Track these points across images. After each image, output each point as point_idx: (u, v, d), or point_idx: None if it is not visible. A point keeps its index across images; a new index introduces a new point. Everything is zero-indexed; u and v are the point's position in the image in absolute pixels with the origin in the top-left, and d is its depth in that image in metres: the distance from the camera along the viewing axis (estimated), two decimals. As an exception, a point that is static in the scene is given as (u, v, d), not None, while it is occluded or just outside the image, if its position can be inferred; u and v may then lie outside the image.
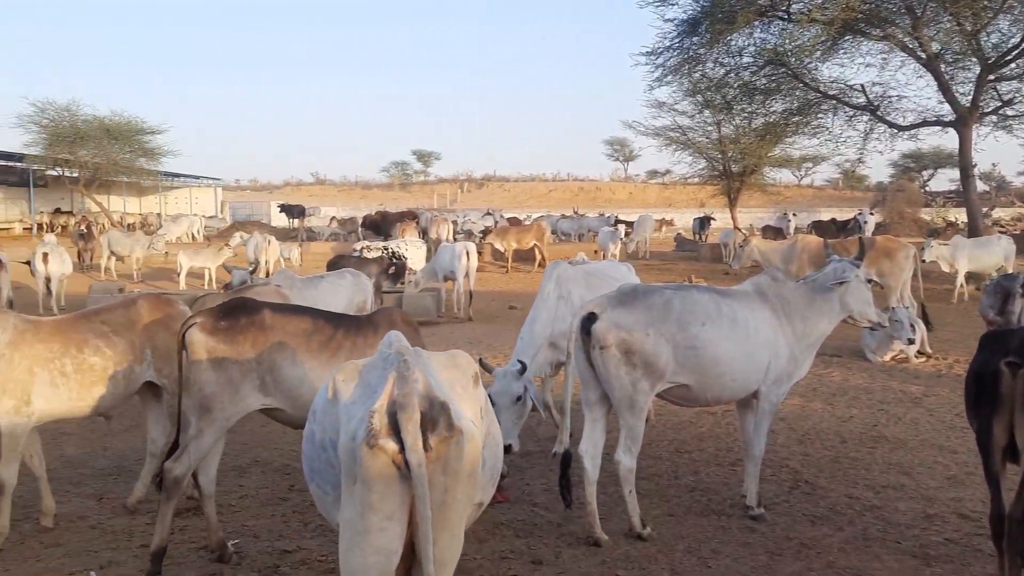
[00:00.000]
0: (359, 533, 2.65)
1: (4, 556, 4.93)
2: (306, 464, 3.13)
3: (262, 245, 19.70)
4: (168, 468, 4.68)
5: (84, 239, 24.39)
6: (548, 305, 6.92)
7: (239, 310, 4.83)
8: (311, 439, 3.05)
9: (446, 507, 2.71)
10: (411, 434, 2.58)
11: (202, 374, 4.62)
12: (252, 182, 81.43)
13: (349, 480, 2.68)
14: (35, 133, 36.62)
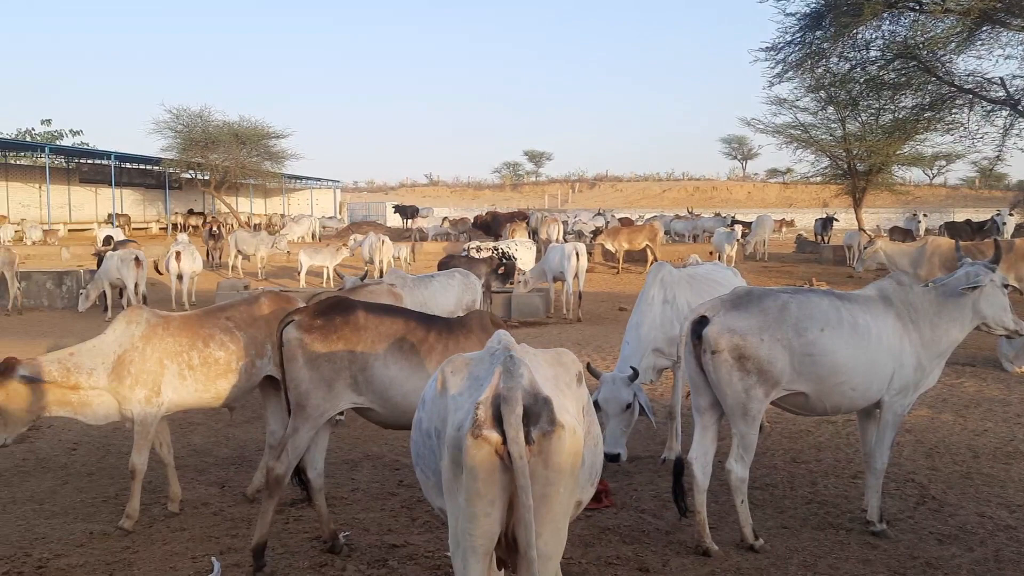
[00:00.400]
0: (467, 519, 2.78)
1: (134, 538, 5.22)
2: (413, 449, 3.31)
3: (376, 245, 20.22)
4: (271, 467, 4.79)
5: (214, 239, 25.75)
6: (653, 309, 6.76)
7: (334, 309, 4.89)
8: (419, 426, 3.20)
9: (549, 500, 2.78)
10: (513, 426, 2.66)
11: (297, 371, 4.72)
12: (369, 183, 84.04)
13: (455, 468, 2.80)
14: (171, 138, 38.99)
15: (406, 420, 4.92)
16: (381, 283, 9.49)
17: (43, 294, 17.92)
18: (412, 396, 4.81)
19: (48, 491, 6.17)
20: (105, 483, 6.38)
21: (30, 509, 5.77)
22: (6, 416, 5.01)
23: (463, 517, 2.79)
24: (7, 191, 45.06)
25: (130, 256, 15.77)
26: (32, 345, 12.19)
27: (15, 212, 42.82)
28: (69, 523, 5.49)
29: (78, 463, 6.91)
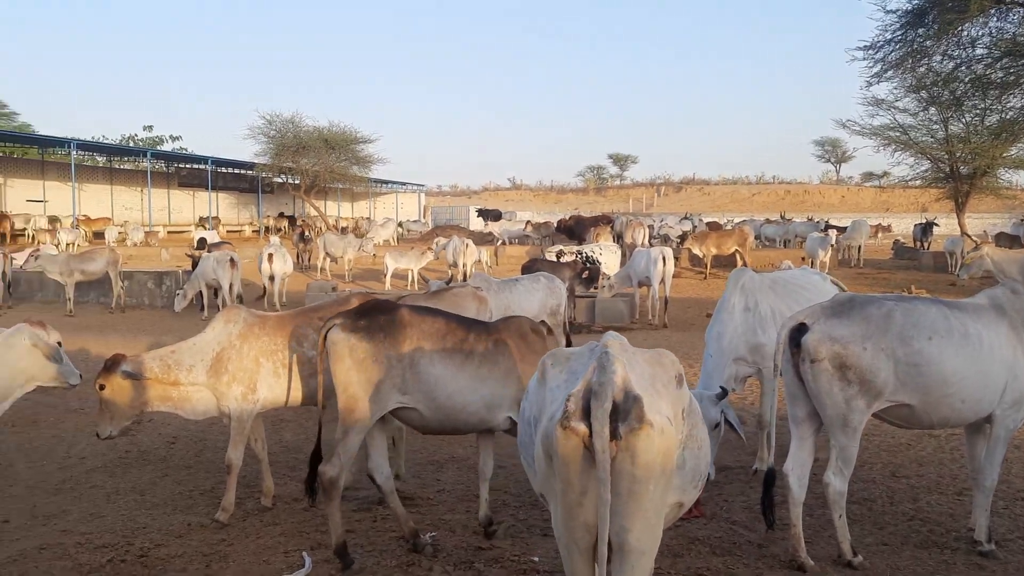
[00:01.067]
0: (564, 507, 2.88)
1: (229, 531, 5.37)
2: (519, 439, 3.47)
3: (460, 248, 20.39)
4: (322, 471, 4.83)
5: (303, 241, 26.46)
6: (734, 318, 6.56)
7: (377, 310, 4.93)
8: (522, 416, 3.37)
9: (638, 497, 2.81)
10: (599, 420, 2.72)
11: (344, 373, 4.75)
12: (453, 187, 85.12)
13: (547, 457, 2.91)
14: (264, 144, 40.30)
15: (449, 422, 4.97)
16: (466, 286, 9.51)
17: (144, 293, 18.73)
18: (456, 396, 4.83)
19: (149, 483, 6.41)
20: (202, 476, 6.59)
21: (132, 500, 6.01)
22: (111, 409, 5.23)
23: (560, 506, 2.89)
24: (112, 194, 47.44)
25: (225, 257, 16.32)
26: (133, 342, 12.72)
27: (119, 214, 45.02)
28: (168, 514, 5.68)
29: (177, 456, 7.17)
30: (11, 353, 4.75)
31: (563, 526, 2.92)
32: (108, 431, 5.28)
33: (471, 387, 4.82)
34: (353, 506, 5.88)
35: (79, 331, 13.14)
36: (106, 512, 5.70)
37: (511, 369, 4.90)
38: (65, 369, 4.93)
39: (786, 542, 4.92)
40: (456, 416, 4.87)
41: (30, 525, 5.46)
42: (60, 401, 8.88)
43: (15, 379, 4.79)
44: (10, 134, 42.72)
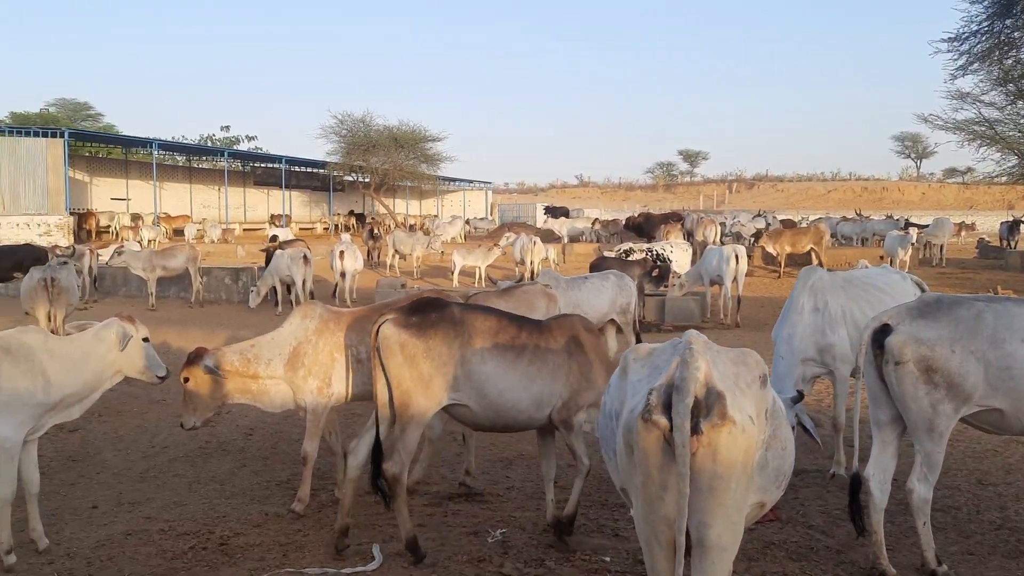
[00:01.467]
0: (645, 501, 2.92)
1: (304, 522, 5.48)
2: (599, 432, 3.53)
3: (527, 246, 20.39)
4: (385, 468, 4.86)
5: (373, 239, 26.85)
6: (803, 318, 6.39)
7: (429, 307, 4.94)
8: (604, 409, 3.42)
9: (719, 493, 2.83)
10: (680, 414, 2.76)
11: (397, 369, 4.78)
12: (520, 185, 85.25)
13: (627, 449, 2.96)
14: (335, 143, 41.09)
15: (499, 419, 4.98)
16: (535, 284, 9.50)
17: (221, 289, 19.28)
18: (506, 393, 4.83)
19: (228, 473, 6.59)
20: (278, 468, 6.74)
21: (212, 489, 6.19)
22: (195, 401, 5.40)
23: (640, 500, 2.93)
24: (191, 193, 48.97)
25: (299, 254, 16.68)
26: (212, 336, 13.11)
27: (197, 212, 46.45)
28: (246, 504, 5.83)
29: (254, 448, 7.35)
30: (101, 346, 4.92)
31: (644, 519, 2.95)
32: (192, 422, 5.44)
33: (521, 385, 4.83)
34: (424, 501, 5.94)
35: (160, 325, 13.59)
36: (188, 500, 5.88)
37: (561, 367, 4.92)
38: (152, 363, 5.09)
39: (866, 549, 4.78)
40: (506, 414, 4.89)
41: (116, 511, 5.68)
42: (143, 392, 9.21)
43: (104, 371, 4.96)
44: (96, 134, 44.52)
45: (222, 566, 4.75)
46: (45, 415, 4.78)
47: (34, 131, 35.14)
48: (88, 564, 4.72)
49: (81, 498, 5.95)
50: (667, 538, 2.87)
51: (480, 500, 5.98)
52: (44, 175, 33.77)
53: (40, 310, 10.99)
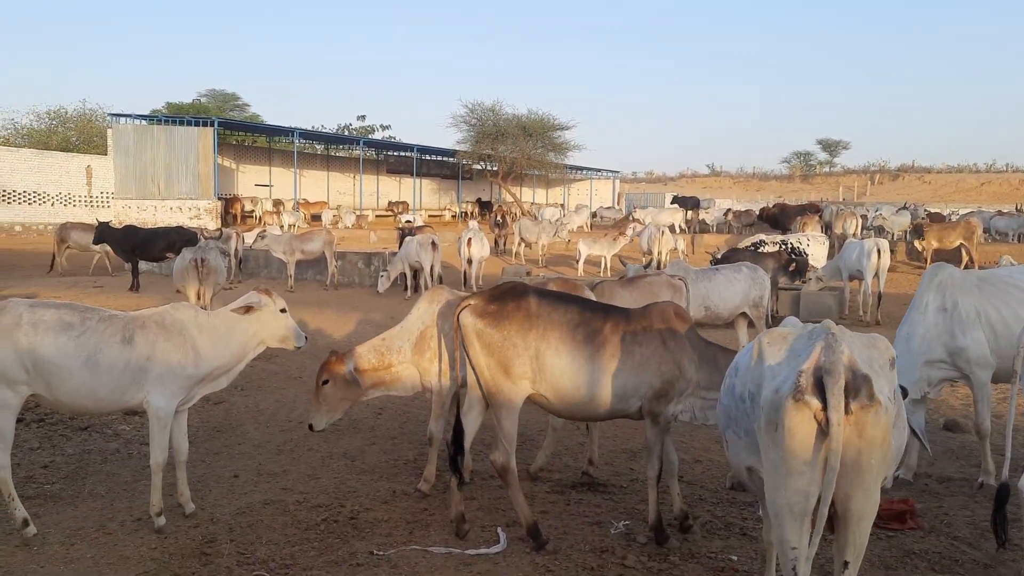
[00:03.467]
0: (782, 475, 3.05)
1: (430, 501, 5.58)
2: (722, 415, 3.65)
3: (655, 236, 20.03)
4: (492, 459, 4.87)
5: (499, 226, 27.11)
6: (926, 318, 5.94)
7: (507, 295, 4.87)
8: (731, 392, 3.53)
9: (861, 469, 3.02)
10: (835, 395, 2.92)
11: (476, 357, 4.77)
12: (648, 174, 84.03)
13: (769, 428, 3.09)
14: (465, 132, 41.72)
15: (578, 411, 4.90)
16: (661, 274, 9.31)
17: (355, 273, 19.95)
18: (583, 388, 4.71)
19: (358, 450, 6.80)
20: (406, 447, 6.90)
21: (344, 464, 6.40)
22: (330, 403, 5.56)
23: (779, 474, 3.06)
24: (328, 180, 50.99)
25: (427, 240, 17.02)
26: (345, 318, 13.61)
27: (333, 199, 48.34)
28: (375, 480, 6.00)
29: (383, 427, 7.56)
30: (243, 319, 5.15)
31: (778, 492, 3.08)
32: (323, 423, 5.59)
33: (600, 379, 4.71)
34: (547, 488, 5.93)
35: (298, 306, 14.18)
36: (321, 474, 6.11)
37: (651, 357, 4.76)
38: (292, 332, 5.29)
39: (1017, 564, 4.43)
40: (583, 406, 4.82)
41: (256, 481, 5.96)
42: (282, 369, 9.66)
43: (248, 343, 5.19)
44: (242, 124, 47.04)
45: (352, 539, 4.89)
46: (195, 386, 5.06)
47: (187, 120, 37.52)
48: (229, 530, 4.97)
49: (224, 467, 6.29)
50: (800, 509, 3.03)
51: (603, 490, 5.91)
52: (195, 162, 36.02)
53: (190, 289, 11.70)
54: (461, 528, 4.96)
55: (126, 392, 4.84)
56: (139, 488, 5.67)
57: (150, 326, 4.91)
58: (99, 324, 4.82)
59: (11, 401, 4.69)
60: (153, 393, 4.85)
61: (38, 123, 46.14)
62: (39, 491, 5.65)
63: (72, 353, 4.69)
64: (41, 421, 7.20)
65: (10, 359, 4.59)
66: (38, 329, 4.65)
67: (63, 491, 5.69)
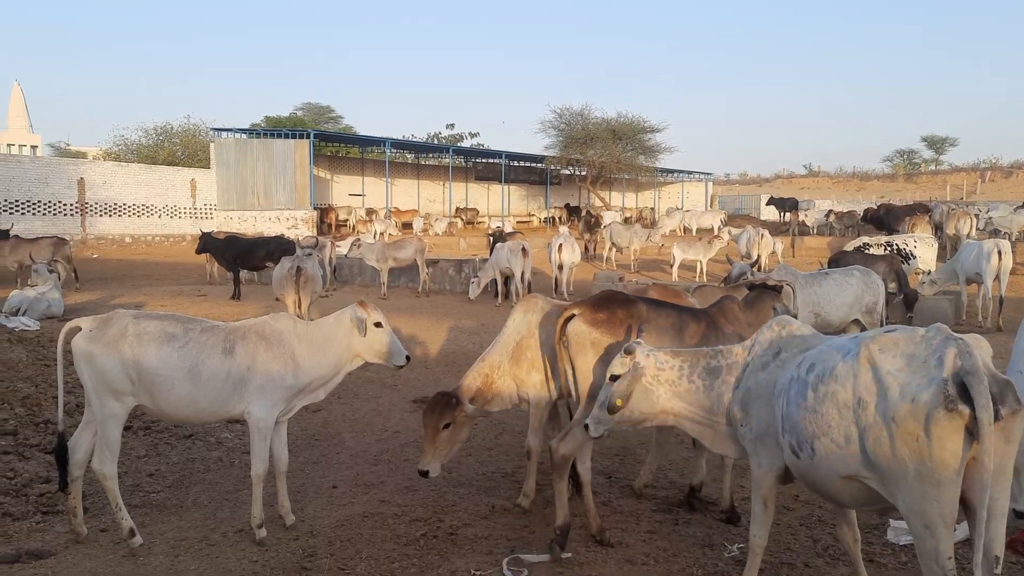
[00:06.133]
0: (932, 486, 2.99)
1: (531, 517, 5.38)
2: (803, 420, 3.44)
3: (755, 239, 19.37)
4: (554, 448, 4.79)
5: (590, 231, 26.81)
6: None
7: (615, 303, 4.85)
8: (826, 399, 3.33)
9: (1004, 471, 3.06)
10: (985, 401, 2.87)
11: (586, 364, 4.71)
12: (742, 175, 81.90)
13: (907, 438, 3.02)
14: (553, 137, 41.57)
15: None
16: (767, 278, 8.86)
17: (445, 279, 20.03)
18: None
19: (455, 462, 6.63)
20: (502, 459, 6.73)
21: (441, 478, 6.19)
22: (448, 448, 5.20)
23: (928, 484, 3.00)
24: (418, 188, 51.68)
25: (518, 247, 16.90)
26: (437, 324, 13.60)
27: (423, 206, 48.95)
28: (473, 494, 5.84)
29: (478, 437, 7.40)
30: (340, 331, 5.06)
31: (929, 504, 3.02)
32: (438, 469, 5.18)
33: None
34: (652, 506, 5.66)
35: (391, 312, 14.20)
36: (418, 486, 5.99)
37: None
38: (392, 349, 5.12)
39: None
40: None
41: (354, 492, 5.89)
42: (377, 377, 9.64)
43: (343, 355, 5.10)
44: (337, 135, 48.17)
45: (452, 556, 4.74)
46: (295, 397, 5.01)
47: (285, 133, 38.64)
48: (329, 543, 4.89)
49: (322, 477, 6.25)
50: (952, 518, 3.01)
51: (713, 510, 5.59)
52: (292, 173, 37.05)
53: (288, 297, 11.87)
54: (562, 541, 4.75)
55: (227, 402, 4.82)
56: (240, 498, 5.67)
57: (250, 337, 4.88)
58: (201, 335, 4.81)
59: (118, 411, 4.73)
60: (254, 404, 4.82)
61: (146, 139, 48.39)
62: (145, 500, 5.72)
63: (175, 364, 4.70)
64: (148, 428, 7.34)
65: (116, 370, 4.63)
66: (142, 340, 4.68)
67: (168, 500, 5.75)
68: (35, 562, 4.57)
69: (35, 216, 31.49)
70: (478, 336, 12.30)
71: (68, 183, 33.07)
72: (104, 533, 5.03)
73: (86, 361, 4.66)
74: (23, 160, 35.26)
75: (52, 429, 6.59)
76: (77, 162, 37.05)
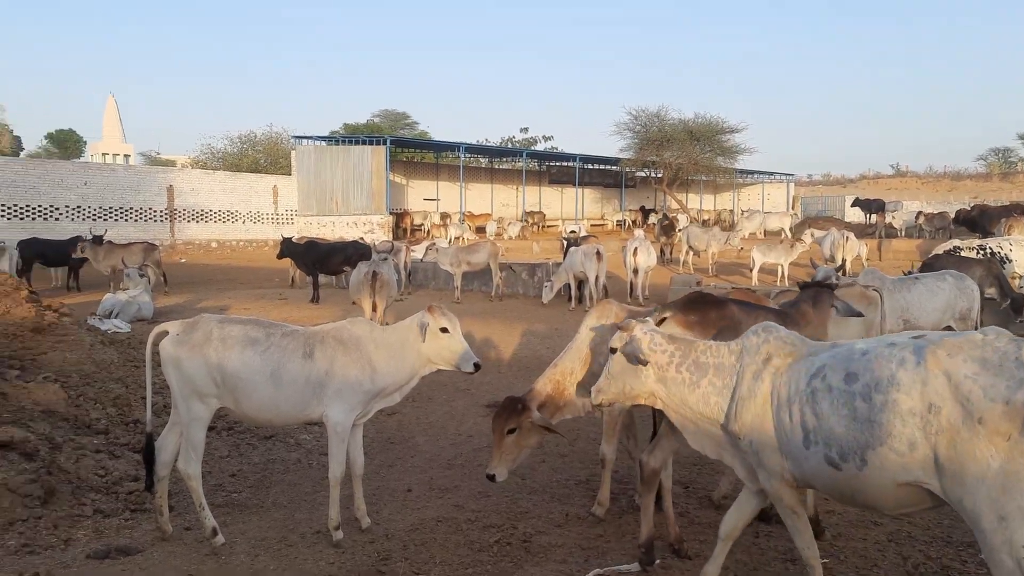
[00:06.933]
0: (1014, 481, 3.02)
1: (606, 527, 5.30)
2: (823, 437, 3.48)
3: (839, 241, 18.74)
4: (644, 462, 4.67)
5: (666, 235, 26.42)
6: None
7: (707, 304, 4.78)
8: (886, 407, 3.30)
9: None
10: None
11: None
12: (825, 176, 79.64)
13: (997, 438, 3.05)
14: (629, 139, 41.20)
15: None
16: (853, 284, 8.55)
17: (519, 283, 20.02)
18: None
19: (528, 467, 6.60)
20: (577, 466, 6.65)
21: (514, 482, 6.22)
22: (516, 454, 5.14)
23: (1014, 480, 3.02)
24: (492, 192, 51.94)
25: (592, 250, 16.75)
26: (510, 328, 13.60)
27: (497, 210, 49.16)
28: (547, 502, 5.78)
29: (552, 443, 7.30)
30: (412, 335, 5.06)
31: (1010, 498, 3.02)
32: (505, 474, 5.11)
33: None
34: (732, 517, 5.49)
35: (464, 316, 14.29)
36: (492, 492, 5.97)
37: None
38: (462, 354, 5.09)
39: None
40: None
41: (428, 496, 5.91)
42: (450, 381, 9.69)
43: (416, 360, 5.10)
44: (412, 141, 48.87)
45: (526, 564, 4.70)
46: (371, 401, 5.06)
47: (362, 139, 39.40)
48: (404, 547, 4.91)
49: (397, 480, 6.30)
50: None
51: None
52: (369, 179, 37.74)
53: (365, 301, 12.05)
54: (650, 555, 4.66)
55: (306, 406, 4.90)
56: (318, 499, 5.76)
57: (329, 341, 4.95)
58: (282, 339, 4.91)
59: (202, 413, 4.86)
60: (331, 407, 4.88)
61: (231, 147, 50.05)
62: (227, 499, 5.86)
63: (257, 367, 4.80)
64: (231, 429, 7.54)
65: (201, 373, 4.76)
66: (226, 344, 4.80)
67: (249, 500, 5.89)
68: (124, 558, 4.72)
69: (127, 222, 32.89)
70: (551, 341, 12.25)
71: (158, 190, 34.46)
72: (188, 531, 5.17)
73: (173, 364, 4.80)
74: (116, 169, 36.92)
75: (141, 429, 6.82)
76: (167, 170, 38.62)
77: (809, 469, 3.59)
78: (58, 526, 5.15)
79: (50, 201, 30.96)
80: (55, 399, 6.95)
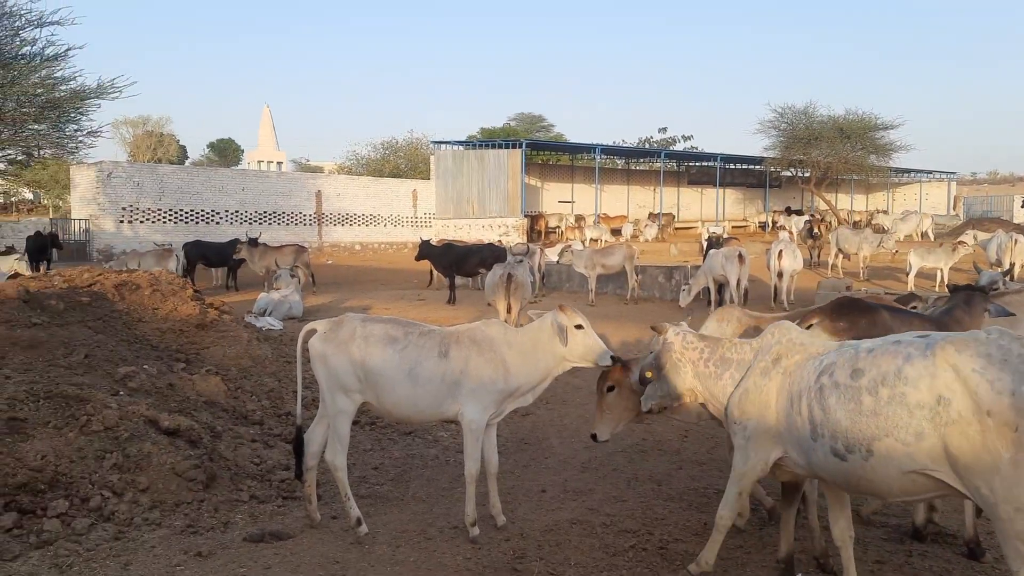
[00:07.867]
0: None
1: (745, 538, 5.12)
2: (828, 431, 3.66)
3: (1006, 244, 17.35)
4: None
5: (813, 237, 25.30)
6: None
7: (856, 310, 4.68)
8: (867, 407, 3.50)
9: None
10: None
11: None
12: (991, 174, 74.19)
13: (1002, 431, 3.15)
14: (774, 137, 39.73)
15: None
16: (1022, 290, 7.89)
17: (655, 286, 19.73)
18: None
19: (664, 473, 6.51)
20: (715, 474, 6.48)
21: (650, 488, 6.14)
22: (616, 415, 5.13)
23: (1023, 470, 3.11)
24: (628, 193, 51.53)
25: (734, 253, 16.27)
26: (645, 332, 13.38)
27: (633, 212, 48.69)
28: (684, 509, 5.67)
29: (689, 450, 7.20)
30: (544, 335, 5.08)
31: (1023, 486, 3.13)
32: (607, 434, 5.15)
33: None
34: (882, 534, 5.21)
35: (598, 320, 14.27)
36: (627, 496, 5.91)
37: None
38: (598, 349, 5.05)
39: None
40: None
41: (562, 498, 5.91)
42: (584, 383, 9.65)
43: (549, 360, 5.11)
44: (547, 143, 49.21)
45: (662, 571, 4.62)
46: (505, 401, 5.12)
47: (498, 143, 40.03)
48: (538, 547, 4.93)
49: (532, 481, 6.34)
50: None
51: (952, 543, 5.05)
52: (505, 182, 38.31)
53: (500, 303, 12.23)
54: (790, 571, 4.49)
55: (443, 404, 5.02)
56: (455, 495, 5.89)
57: (464, 341, 5.06)
58: (419, 339, 5.06)
59: (347, 407, 5.08)
60: (467, 406, 4.98)
61: (374, 153, 52.12)
62: (370, 491, 6.09)
63: (396, 365, 4.97)
64: (373, 424, 7.83)
65: (346, 369, 4.98)
66: (369, 342, 4.99)
67: (390, 492, 6.09)
68: (276, 543, 5.00)
69: (279, 225, 34.88)
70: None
71: (307, 195, 36.35)
72: (335, 520, 5.41)
73: (320, 360, 5.05)
74: (270, 175, 39.21)
75: (292, 421, 7.20)
76: (315, 176, 40.65)
77: (816, 460, 3.79)
78: (218, 509, 5.51)
79: (212, 206, 33.28)
80: (216, 391, 7.46)
